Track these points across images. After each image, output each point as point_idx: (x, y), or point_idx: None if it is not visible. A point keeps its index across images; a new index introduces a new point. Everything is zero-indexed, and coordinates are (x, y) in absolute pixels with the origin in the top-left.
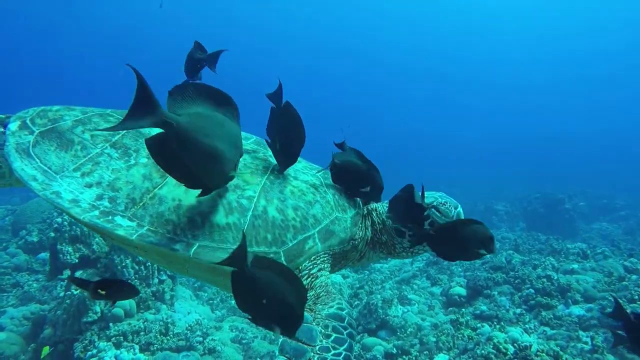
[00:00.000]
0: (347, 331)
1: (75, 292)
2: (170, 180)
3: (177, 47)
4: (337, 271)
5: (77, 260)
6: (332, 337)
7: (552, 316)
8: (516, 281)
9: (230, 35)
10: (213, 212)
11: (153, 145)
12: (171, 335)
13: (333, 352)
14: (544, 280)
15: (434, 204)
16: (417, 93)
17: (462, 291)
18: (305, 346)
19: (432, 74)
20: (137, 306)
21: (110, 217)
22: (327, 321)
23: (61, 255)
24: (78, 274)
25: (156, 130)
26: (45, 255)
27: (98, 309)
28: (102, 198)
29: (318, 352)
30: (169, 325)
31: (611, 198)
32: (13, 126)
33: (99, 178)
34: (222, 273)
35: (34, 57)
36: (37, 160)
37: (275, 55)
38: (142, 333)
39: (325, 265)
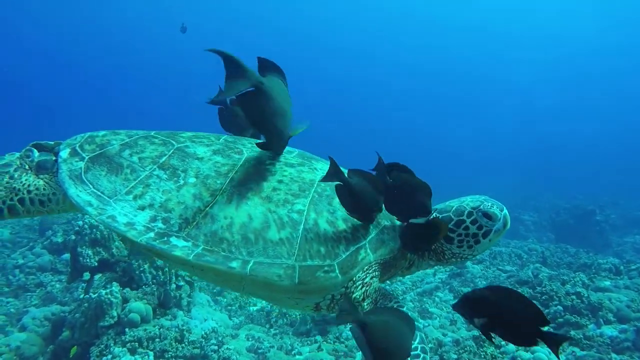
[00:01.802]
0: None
1: (93, 296)
2: (220, 198)
3: (176, 44)
4: (386, 280)
5: (96, 264)
6: None
7: (581, 336)
8: (543, 297)
9: (232, 31)
10: (265, 228)
11: (246, 100)
12: (186, 343)
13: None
14: (574, 297)
15: (481, 207)
16: (434, 92)
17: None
18: None
19: (448, 74)
20: (154, 312)
21: (165, 239)
22: None
23: (81, 258)
24: (97, 277)
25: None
26: (68, 256)
27: (115, 314)
28: (155, 220)
29: None
30: (185, 332)
31: None
32: (64, 154)
33: (151, 200)
34: (278, 289)
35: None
36: (90, 186)
37: (272, 52)
38: (157, 340)
39: (377, 274)
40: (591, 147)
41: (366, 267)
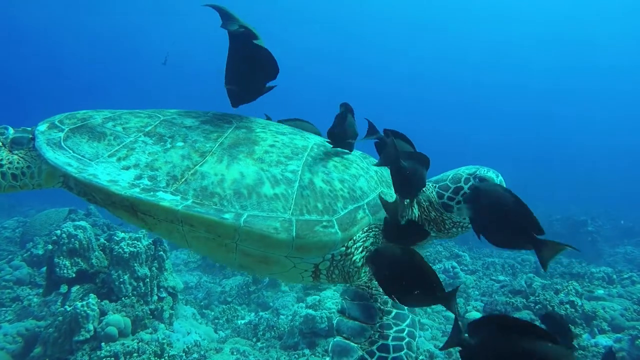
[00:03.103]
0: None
1: (68, 309)
2: (210, 158)
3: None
4: None
5: (74, 275)
6: (393, 313)
7: (576, 346)
8: (537, 307)
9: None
10: (258, 184)
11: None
12: (166, 358)
13: (395, 328)
14: (567, 306)
15: (477, 173)
16: (433, 98)
17: (479, 316)
18: (364, 324)
19: (445, 80)
20: (133, 325)
21: (152, 193)
22: (385, 297)
23: (58, 269)
24: (75, 289)
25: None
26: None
27: (91, 327)
28: (141, 177)
29: (379, 329)
30: (165, 346)
31: (636, 220)
32: (42, 127)
33: (136, 161)
34: (274, 243)
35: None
36: (70, 151)
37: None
38: (135, 354)
39: (377, 241)
40: (586, 156)
41: (366, 228)
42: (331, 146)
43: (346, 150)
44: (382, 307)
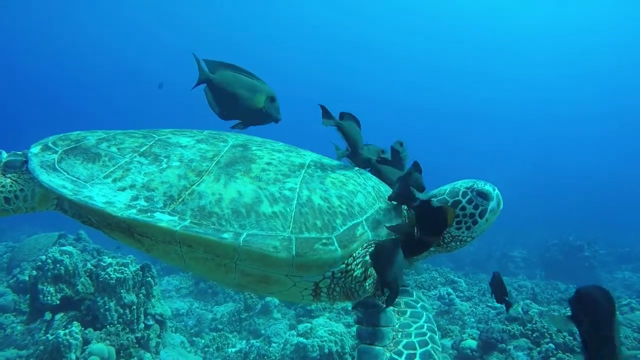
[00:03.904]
0: (420, 304)
1: (50, 337)
2: (207, 177)
3: (175, 44)
4: None
5: (58, 302)
6: (408, 313)
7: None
8: (534, 334)
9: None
10: (257, 202)
11: (207, 91)
12: None
13: (415, 325)
14: (565, 334)
15: (474, 187)
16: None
17: (475, 344)
18: (383, 328)
19: (441, 104)
20: (117, 354)
21: (149, 214)
22: (396, 299)
23: (41, 296)
24: (59, 316)
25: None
26: None
27: (73, 357)
28: (137, 198)
29: (399, 329)
30: None
31: (633, 245)
32: (35, 149)
33: (132, 182)
34: (274, 262)
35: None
36: (64, 173)
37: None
38: None
39: None
40: (582, 179)
41: (365, 245)
42: (330, 161)
43: (342, 166)
44: (395, 308)
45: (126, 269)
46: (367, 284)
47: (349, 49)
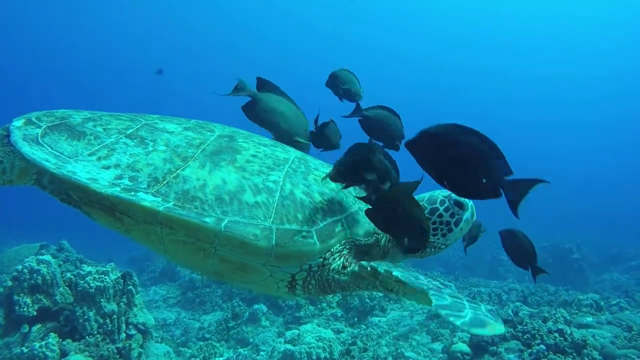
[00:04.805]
0: (433, 284)
1: (25, 350)
2: (192, 163)
3: (175, 43)
4: None
5: (35, 313)
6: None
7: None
8: (525, 336)
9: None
10: (240, 191)
11: (246, 108)
12: None
13: (445, 288)
14: (556, 335)
15: (452, 196)
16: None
17: (466, 348)
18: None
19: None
20: None
21: (133, 192)
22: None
23: (17, 307)
24: (35, 328)
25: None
26: None
27: None
28: (121, 177)
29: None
30: None
31: (622, 247)
32: (18, 123)
33: (117, 161)
34: (254, 251)
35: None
36: (48, 147)
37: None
38: None
39: (352, 254)
40: (573, 182)
41: (343, 241)
42: (313, 159)
43: (325, 165)
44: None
45: (106, 277)
46: (349, 269)
47: (349, 49)
